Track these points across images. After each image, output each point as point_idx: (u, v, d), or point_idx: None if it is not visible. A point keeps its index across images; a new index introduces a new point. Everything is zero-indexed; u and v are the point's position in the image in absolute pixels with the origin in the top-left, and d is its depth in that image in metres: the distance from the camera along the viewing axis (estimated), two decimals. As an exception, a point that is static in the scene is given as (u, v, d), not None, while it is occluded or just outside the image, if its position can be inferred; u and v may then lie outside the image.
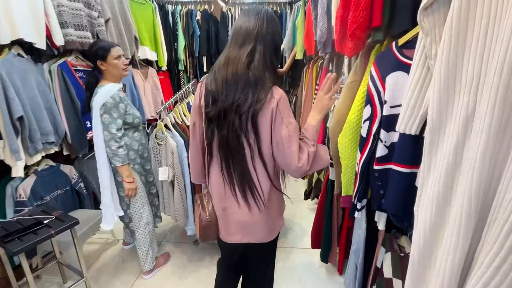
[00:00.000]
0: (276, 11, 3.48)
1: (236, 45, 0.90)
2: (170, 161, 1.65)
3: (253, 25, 0.90)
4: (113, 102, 1.50)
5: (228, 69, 0.89)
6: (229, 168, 0.94)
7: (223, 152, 0.93)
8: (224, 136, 0.90)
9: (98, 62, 1.58)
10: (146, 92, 2.98)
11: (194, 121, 1.03)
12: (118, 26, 2.36)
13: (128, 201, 1.73)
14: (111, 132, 1.48)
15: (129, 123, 1.62)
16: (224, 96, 0.88)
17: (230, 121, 0.88)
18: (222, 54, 0.94)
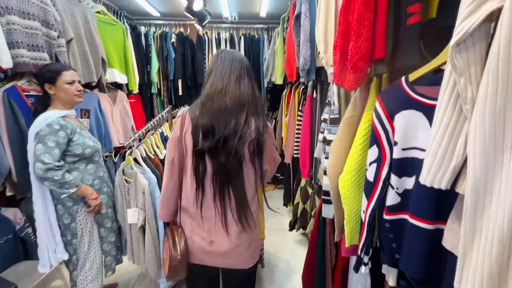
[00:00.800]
0: (254, 36, 3.47)
1: (231, 78, 0.96)
2: (141, 202, 1.41)
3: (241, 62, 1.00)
4: (49, 130, 1.29)
5: (226, 97, 0.93)
6: (223, 196, 0.95)
7: (219, 180, 0.94)
8: (222, 163, 0.92)
9: (46, 86, 1.39)
10: (115, 117, 2.71)
11: (173, 157, 0.98)
12: (82, 47, 2.14)
13: (75, 245, 1.47)
14: (45, 162, 1.25)
15: (77, 155, 1.40)
16: (223, 123, 0.90)
17: (231, 147, 0.90)
18: (210, 86, 0.96)
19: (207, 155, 0.93)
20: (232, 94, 0.93)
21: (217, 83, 0.95)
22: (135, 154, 1.51)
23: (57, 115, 1.37)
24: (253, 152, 0.96)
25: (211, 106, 0.92)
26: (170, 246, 0.99)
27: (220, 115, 0.91)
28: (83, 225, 1.46)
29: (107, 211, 1.56)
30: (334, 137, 1.33)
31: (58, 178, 1.26)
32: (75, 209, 1.43)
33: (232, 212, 0.97)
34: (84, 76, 2.16)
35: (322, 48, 1.29)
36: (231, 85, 0.94)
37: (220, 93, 0.93)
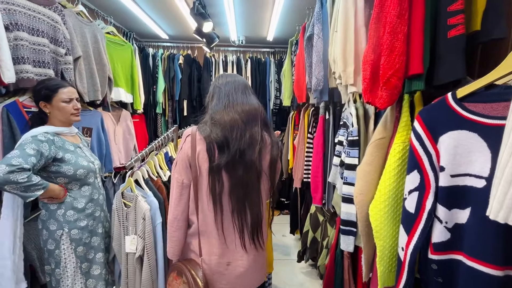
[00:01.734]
0: (260, 59, 3.51)
1: (237, 93, 0.95)
2: (141, 229, 1.27)
3: (243, 81, 1.01)
4: (31, 139, 1.19)
5: (236, 110, 0.91)
6: (241, 212, 0.93)
7: (236, 196, 0.91)
8: (239, 177, 0.90)
9: (41, 104, 1.32)
10: (117, 136, 2.63)
11: (183, 178, 0.93)
12: (90, 65, 2.12)
13: (59, 275, 1.30)
14: (11, 164, 1.09)
15: (69, 176, 1.29)
16: (237, 135, 0.88)
17: (249, 160, 0.89)
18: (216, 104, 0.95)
19: (223, 171, 0.90)
20: (242, 107, 0.93)
21: (223, 99, 0.94)
22: (137, 175, 1.41)
23: (47, 130, 1.28)
24: (270, 165, 0.98)
25: (221, 120, 0.90)
26: (189, 282, 0.89)
27: (233, 127, 0.89)
28: (67, 254, 1.31)
29: (92, 239, 1.39)
30: (353, 161, 1.23)
31: (23, 180, 1.11)
32: (59, 234, 1.29)
33: (247, 229, 0.96)
34: (89, 94, 2.12)
35: (340, 67, 1.23)
36: (239, 99, 0.94)
37: (228, 107, 0.93)
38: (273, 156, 0.97)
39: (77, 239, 1.32)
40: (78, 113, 1.41)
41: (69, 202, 1.31)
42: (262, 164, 0.95)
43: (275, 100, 3.42)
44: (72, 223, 1.31)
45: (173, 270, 0.98)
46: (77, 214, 1.32)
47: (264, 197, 1.00)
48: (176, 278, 0.95)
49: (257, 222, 0.95)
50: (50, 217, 1.29)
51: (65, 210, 1.30)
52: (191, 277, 0.90)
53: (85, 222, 1.35)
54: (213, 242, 0.95)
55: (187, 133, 0.94)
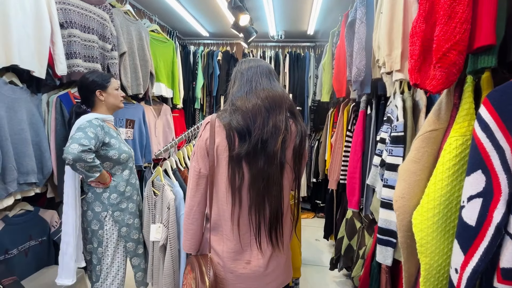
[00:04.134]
0: (299, 54, 3.37)
1: (261, 78, 0.89)
2: (165, 218, 1.28)
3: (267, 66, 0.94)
4: (88, 124, 1.29)
5: (259, 96, 0.85)
6: (260, 207, 0.86)
7: (256, 188, 0.84)
8: (261, 169, 0.83)
9: (97, 92, 1.42)
10: (157, 129, 2.77)
11: (200, 167, 0.89)
12: (134, 61, 2.25)
13: (100, 254, 1.39)
14: (83, 144, 1.20)
15: (114, 160, 1.37)
16: (260, 123, 0.82)
17: (271, 150, 0.83)
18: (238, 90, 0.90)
19: (244, 161, 0.84)
20: (266, 93, 0.86)
21: (245, 85, 0.89)
22: (166, 165, 1.42)
23: (96, 116, 1.38)
24: (295, 156, 0.90)
25: (243, 106, 0.85)
26: (197, 278, 0.86)
27: (255, 115, 0.83)
28: (109, 234, 1.40)
29: (134, 221, 1.47)
30: (396, 160, 1.06)
31: (90, 161, 1.22)
32: (103, 215, 1.39)
33: (265, 226, 0.88)
34: (132, 88, 2.25)
35: (384, 50, 1.07)
36: (263, 84, 0.88)
37: (250, 93, 0.87)
38: (297, 145, 0.89)
39: (120, 220, 1.42)
40: (123, 100, 1.54)
41: (113, 186, 1.40)
42: (286, 155, 0.87)
43: (313, 96, 3.25)
44: (115, 206, 1.40)
45: (187, 264, 0.96)
46: (119, 197, 1.42)
47: (287, 191, 0.92)
48: (190, 272, 0.92)
49: (276, 219, 0.88)
50: (96, 199, 1.39)
51: (109, 194, 1.39)
52: (199, 273, 0.86)
53: (125, 205, 1.44)
54: (228, 238, 0.89)
55: (207, 120, 0.89)
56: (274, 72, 0.94)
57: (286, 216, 0.94)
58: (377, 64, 1.39)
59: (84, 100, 1.45)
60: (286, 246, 0.95)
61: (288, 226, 0.95)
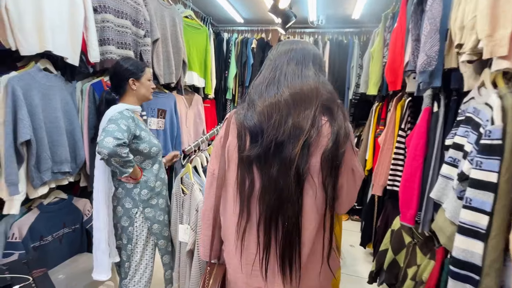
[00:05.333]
0: (342, 41, 3.05)
1: (289, 65, 0.74)
2: (193, 221, 1.17)
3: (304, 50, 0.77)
4: (120, 116, 1.22)
5: (280, 88, 0.71)
6: (270, 226, 0.70)
7: (266, 202, 0.69)
8: (273, 178, 0.67)
9: (131, 81, 1.33)
10: (188, 120, 2.70)
11: (214, 168, 0.79)
12: (166, 48, 2.16)
13: (130, 251, 1.34)
14: (117, 138, 1.12)
15: (144, 154, 1.30)
16: (276, 121, 0.67)
17: (287, 156, 0.66)
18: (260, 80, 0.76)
19: (255, 166, 0.70)
20: (290, 84, 0.70)
21: (268, 74, 0.75)
22: (195, 162, 1.31)
23: (127, 107, 1.31)
24: (324, 167, 0.67)
25: (260, 101, 0.71)
26: None
27: (271, 112, 0.68)
28: (139, 232, 1.34)
29: (164, 218, 1.41)
30: (487, 176, 0.81)
31: (125, 155, 1.15)
32: (134, 212, 1.33)
33: (276, 252, 0.70)
34: (164, 76, 2.17)
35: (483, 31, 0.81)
36: (289, 74, 0.72)
37: (271, 84, 0.72)
38: (328, 151, 0.66)
39: (150, 217, 1.35)
40: (153, 92, 1.46)
41: (144, 182, 1.33)
42: (309, 164, 0.67)
43: (355, 89, 2.94)
44: (145, 202, 1.34)
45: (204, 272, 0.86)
46: (150, 193, 1.35)
47: (312, 216, 0.70)
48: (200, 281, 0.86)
49: (290, 248, 0.69)
50: (127, 195, 1.33)
51: (140, 189, 1.32)
52: (201, 283, 0.79)
53: (155, 201, 1.37)
54: (231, 255, 0.77)
55: (226, 116, 0.79)
56: (313, 56, 0.76)
57: (312, 252, 0.72)
58: (455, 50, 1.12)
59: (114, 88, 1.37)
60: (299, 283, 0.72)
61: (314, 266, 0.72)
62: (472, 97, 1.04)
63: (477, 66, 1.09)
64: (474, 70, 1.10)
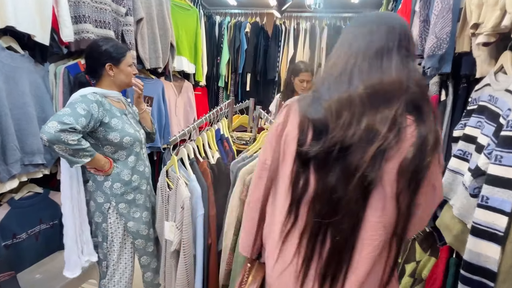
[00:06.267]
0: (339, 26, 2.91)
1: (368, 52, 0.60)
2: (179, 219, 1.06)
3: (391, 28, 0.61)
4: (81, 99, 1.08)
5: (355, 81, 0.59)
6: (316, 238, 0.61)
7: (316, 211, 0.60)
8: (330, 185, 0.58)
9: (107, 66, 1.18)
10: (178, 108, 2.56)
11: (266, 158, 0.71)
12: (152, 29, 1.98)
13: (106, 249, 1.24)
14: (63, 122, 0.99)
15: (115, 144, 1.17)
16: (347, 120, 0.57)
17: (354, 163, 0.55)
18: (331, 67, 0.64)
19: (312, 166, 0.60)
20: (366, 77, 0.58)
21: (341, 60, 0.62)
22: (182, 153, 1.19)
23: (95, 90, 1.17)
24: (401, 178, 0.55)
25: (328, 94, 0.60)
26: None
27: (341, 109, 0.57)
28: (113, 229, 1.23)
29: (142, 215, 1.29)
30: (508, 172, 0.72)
31: (73, 142, 1.01)
32: (106, 207, 1.21)
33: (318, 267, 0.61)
34: (150, 61, 2.01)
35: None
36: (365, 64, 0.59)
37: (342, 75, 0.60)
38: (407, 161, 0.55)
39: (125, 213, 1.24)
40: (134, 77, 1.31)
41: (115, 174, 1.21)
42: (384, 172, 0.56)
43: (353, 77, 2.83)
44: (119, 196, 1.22)
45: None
46: (124, 187, 1.22)
47: (376, 231, 0.58)
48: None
49: (338, 266, 0.59)
50: (97, 188, 1.21)
51: (112, 182, 1.20)
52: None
53: (132, 196, 1.25)
54: (271, 255, 0.68)
55: (286, 104, 0.68)
56: (399, 37, 0.60)
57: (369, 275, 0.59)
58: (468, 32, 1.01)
59: (89, 71, 1.22)
60: None
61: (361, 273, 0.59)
62: (487, 84, 0.94)
63: (492, 50, 0.99)
64: (489, 54, 1.00)
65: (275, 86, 3.08)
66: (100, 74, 1.20)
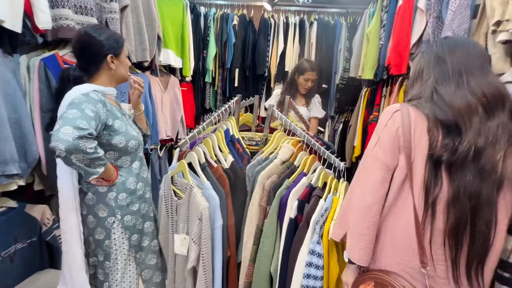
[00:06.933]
0: (328, 21, 2.89)
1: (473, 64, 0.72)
2: (195, 232, 0.95)
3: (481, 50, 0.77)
4: (85, 98, 0.93)
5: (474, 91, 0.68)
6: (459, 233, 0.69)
7: (459, 209, 0.68)
8: (469, 184, 0.67)
9: (109, 58, 1.03)
10: (164, 105, 2.37)
11: (387, 160, 0.76)
12: (138, 19, 1.79)
13: (108, 269, 1.09)
14: (80, 128, 0.85)
15: (120, 149, 1.03)
16: (476, 125, 0.66)
17: (487, 162, 0.66)
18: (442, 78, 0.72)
19: (444, 168, 0.69)
20: (482, 88, 0.68)
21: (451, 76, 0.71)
22: (191, 157, 1.07)
23: (94, 88, 1.00)
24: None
25: (452, 101, 0.69)
26: None
27: (470, 114, 0.67)
28: (118, 245, 1.08)
29: (145, 225, 1.15)
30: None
31: (91, 151, 0.88)
32: (110, 221, 1.06)
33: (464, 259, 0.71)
34: (136, 53, 1.82)
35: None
36: (476, 77, 0.70)
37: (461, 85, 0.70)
38: None
39: (131, 226, 1.09)
40: None
41: (121, 183, 1.06)
42: (508, 167, 0.67)
43: (343, 73, 2.84)
44: (125, 208, 1.07)
45: (363, 281, 0.78)
46: (130, 197, 1.08)
47: (503, 217, 0.70)
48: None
49: (482, 253, 0.69)
50: (99, 201, 1.05)
51: (116, 193, 1.05)
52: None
53: (137, 206, 1.11)
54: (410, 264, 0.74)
55: (395, 108, 0.75)
56: (488, 57, 0.75)
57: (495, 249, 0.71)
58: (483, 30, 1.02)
59: (85, 66, 1.04)
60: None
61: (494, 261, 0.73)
62: (508, 82, 0.95)
63: (508, 48, 1.00)
64: (505, 52, 1.01)
65: (264, 82, 3.00)
66: (99, 67, 1.03)
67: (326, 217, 0.97)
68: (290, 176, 1.05)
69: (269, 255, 0.99)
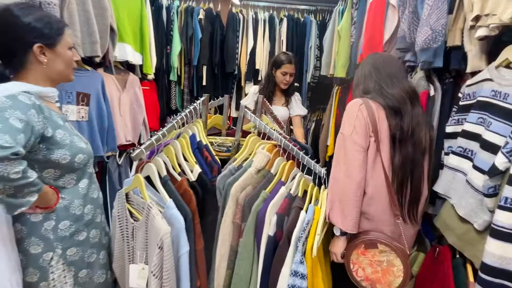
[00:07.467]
0: (298, 19, 2.83)
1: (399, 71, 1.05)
2: (156, 262, 0.78)
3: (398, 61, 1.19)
4: (11, 103, 0.73)
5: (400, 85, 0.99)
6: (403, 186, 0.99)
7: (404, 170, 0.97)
8: (409, 153, 0.97)
9: (36, 48, 0.80)
10: (123, 107, 2.11)
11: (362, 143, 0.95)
12: (84, 7, 1.53)
13: None
14: (2, 146, 0.65)
15: (63, 166, 0.82)
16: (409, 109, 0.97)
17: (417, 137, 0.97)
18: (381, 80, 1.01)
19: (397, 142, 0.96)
20: (404, 86, 0.99)
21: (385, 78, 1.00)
22: (149, 169, 0.89)
23: (25, 89, 0.78)
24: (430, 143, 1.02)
25: (392, 93, 0.97)
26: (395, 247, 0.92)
27: (404, 103, 0.97)
28: (59, 286, 0.86)
29: (99, 257, 0.95)
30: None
31: (17, 176, 0.67)
32: (46, 259, 0.84)
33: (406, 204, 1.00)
34: (84, 47, 1.56)
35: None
36: (400, 77, 1.01)
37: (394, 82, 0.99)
38: (432, 135, 1.04)
39: (77, 260, 0.88)
40: (74, 67, 0.97)
41: (63, 209, 0.85)
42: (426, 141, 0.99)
43: (314, 71, 2.80)
44: (68, 240, 0.86)
45: (355, 247, 0.95)
46: (75, 224, 0.87)
47: (426, 173, 1.02)
48: (365, 253, 0.94)
49: (417, 198, 1.00)
50: (31, 234, 0.82)
51: (56, 222, 0.84)
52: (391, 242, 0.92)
53: (85, 235, 0.90)
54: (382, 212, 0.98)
55: (359, 102, 0.97)
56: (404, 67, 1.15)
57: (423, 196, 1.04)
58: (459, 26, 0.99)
59: (5, 58, 0.81)
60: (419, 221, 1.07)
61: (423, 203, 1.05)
62: (487, 79, 0.92)
63: (484, 44, 0.98)
64: (480, 49, 0.99)
65: (234, 80, 2.86)
66: (22, 60, 0.80)
67: (308, 231, 0.87)
68: (266, 186, 0.93)
69: (246, 280, 0.86)
